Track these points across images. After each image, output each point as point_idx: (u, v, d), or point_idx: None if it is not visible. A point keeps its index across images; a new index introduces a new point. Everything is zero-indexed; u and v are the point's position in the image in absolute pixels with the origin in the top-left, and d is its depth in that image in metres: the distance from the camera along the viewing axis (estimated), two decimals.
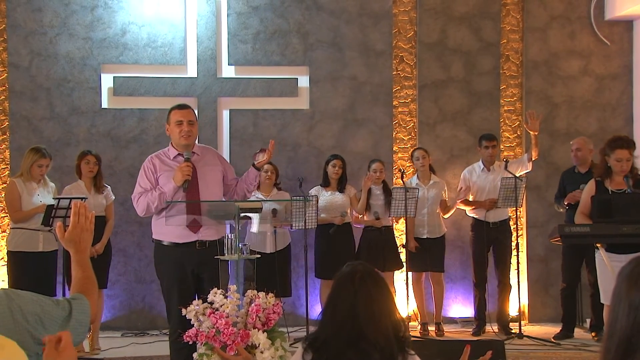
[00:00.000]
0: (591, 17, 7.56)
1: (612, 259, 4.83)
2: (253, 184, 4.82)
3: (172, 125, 4.65)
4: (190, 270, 4.54)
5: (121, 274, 7.12)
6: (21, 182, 5.98)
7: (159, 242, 4.64)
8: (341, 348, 2.22)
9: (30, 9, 7.12)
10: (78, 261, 2.31)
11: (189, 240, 4.53)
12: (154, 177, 4.63)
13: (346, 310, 2.24)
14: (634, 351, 1.64)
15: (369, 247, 6.71)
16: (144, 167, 4.69)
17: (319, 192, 6.78)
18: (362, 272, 2.31)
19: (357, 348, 2.21)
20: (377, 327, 2.21)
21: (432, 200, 6.85)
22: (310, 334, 2.38)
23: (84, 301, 2.15)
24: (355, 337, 2.21)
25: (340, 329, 2.24)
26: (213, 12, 7.28)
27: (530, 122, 6.61)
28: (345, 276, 2.32)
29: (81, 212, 2.34)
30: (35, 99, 7.13)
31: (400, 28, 7.47)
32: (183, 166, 4.51)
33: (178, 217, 4.51)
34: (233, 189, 4.80)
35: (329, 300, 2.33)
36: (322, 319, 2.32)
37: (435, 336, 6.69)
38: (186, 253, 4.52)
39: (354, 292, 2.25)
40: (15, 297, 1.98)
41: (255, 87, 7.34)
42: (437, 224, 6.89)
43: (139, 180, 4.69)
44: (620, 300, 1.70)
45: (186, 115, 4.64)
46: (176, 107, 4.74)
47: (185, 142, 4.61)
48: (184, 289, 4.50)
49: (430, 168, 6.95)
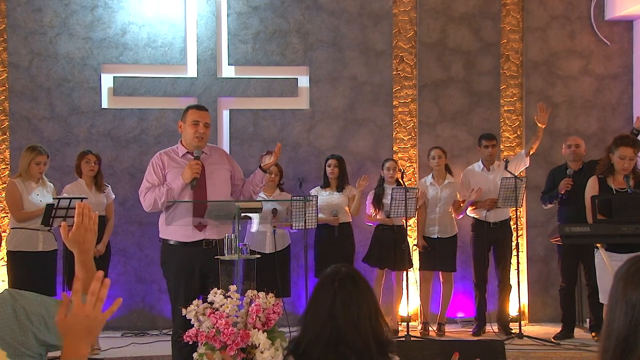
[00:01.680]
0: (591, 17, 7.56)
1: (612, 259, 4.83)
2: (259, 186, 4.85)
3: (187, 124, 4.67)
4: (197, 269, 4.54)
5: (121, 274, 7.12)
6: (21, 182, 5.98)
7: (166, 241, 4.65)
8: (322, 351, 2.19)
9: (30, 9, 7.12)
10: (82, 262, 2.31)
11: (195, 239, 4.54)
12: (162, 174, 4.66)
13: (325, 313, 2.20)
14: (632, 350, 1.65)
15: (380, 246, 6.72)
16: (152, 163, 4.71)
17: (318, 192, 6.79)
18: (344, 274, 2.26)
19: (336, 351, 2.18)
20: (355, 330, 2.18)
21: (444, 200, 6.84)
22: (292, 340, 2.34)
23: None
24: (334, 340, 2.18)
25: (320, 332, 2.20)
26: (213, 12, 7.28)
27: (541, 115, 6.60)
28: (326, 278, 2.28)
29: (85, 212, 2.33)
30: (35, 99, 7.13)
31: (400, 28, 7.47)
32: (193, 164, 4.53)
33: (181, 217, 4.52)
34: (240, 189, 4.83)
35: (310, 303, 2.30)
36: (303, 322, 2.28)
37: (436, 336, 6.69)
38: (193, 252, 4.53)
39: (333, 293, 2.21)
40: (19, 297, 1.98)
41: (255, 87, 7.34)
42: (448, 224, 6.87)
43: (146, 176, 4.71)
44: (617, 300, 1.71)
45: (204, 117, 4.67)
46: (194, 107, 4.79)
47: (198, 143, 4.63)
48: (190, 288, 4.50)
49: (446, 168, 6.94)
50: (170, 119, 7.23)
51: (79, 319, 1.85)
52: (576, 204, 5.91)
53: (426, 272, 6.89)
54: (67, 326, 1.84)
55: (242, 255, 4.13)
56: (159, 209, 4.64)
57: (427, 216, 6.84)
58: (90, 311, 1.86)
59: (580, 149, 6.59)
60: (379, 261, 6.72)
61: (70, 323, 1.84)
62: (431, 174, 6.97)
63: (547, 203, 6.71)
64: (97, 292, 1.88)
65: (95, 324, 1.87)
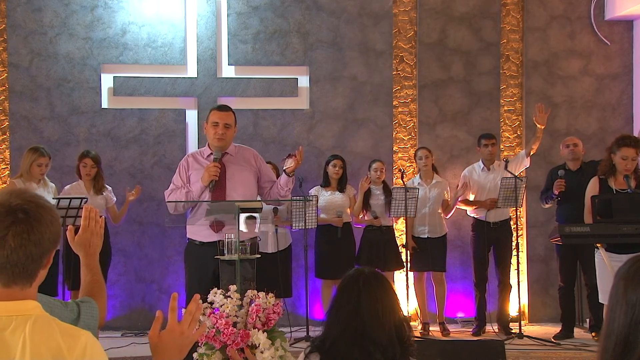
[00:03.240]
0: (591, 17, 7.57)
1: (612, 259, 4.83)
2: (285, 189, 4.79)
3: (209, 125, 4.69)
4: (212, 270, 4.55)
5: (121, 274, 7.12)
6: (21, 182, 5.98)
7: (191, 240, 4.68)
8: (347, 347, 2.25)
9: (30, 9, 7.12)
10: (87, 265, 2.31)
11: (212, 240, 4.55)
12: (187, 175, 4.69)
13: (350, 310, 2.28)
14: (632, 349, 1.65)
15: (369, 247, 6.73)
16: (180, 164, 4.77)
17: (318, 192, 6.78)
18: (367, 274, 2.36)
19: (361, 347, 2.24)
20: (380, 327, 2.25)
21: (433, 199, 6.85)
22: (315, 338, 2.40)
23: (92, 304, 2.15)
24: (359, 336, 2.25)
25: (344, 329, 2.27)
26: (213, 12, 7.28)
27: (539, 115, 6.61)
28: (350, 278, 2.36)
29: (91, 216, 2.34)
30: (35, 99, 7.13)
31: (400, 28, 7.47)
32: (210, 166, 4.53)
33: (200, 217, 4.54)
34: (267, 191, 4.81)
35: (334, 302, 2.36)
36: (327, 321, 2.35)
37: (441, 336, 6.70)
38: (208, 252, 4.54)
39: (358, 292, 2.29)
40: None
41: (255, 87, 7.34)
42: (438, 224, 6.89)
43: (173, 178, 4.76)
44: (617, 300, 1.71)
45: (223, 118, 4.66)
46: (216, 108, 4.80)
47: (218, 144, 4.63)
48: (202, 287, 4.50)
49: (432, 168, 6.95)
50: (170, 119, 7.24)
51: (174, 335, 1.88)
52: (575, 203, 5.92)
53: (418, 272, 6.88)
54: (162, 342, 1.87)
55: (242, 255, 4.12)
56: (180, 211, 4.67)
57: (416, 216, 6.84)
58: (185, 329, 1.90)
59: (578, 148, 6.60)
60: (368, 262, 6.69)
61: (165, 339, 1.88)
62: (418, 174, 6.98)
63: (545, 202, 6.72)
64: (193, 311, 1.93)
65: (187, 342, 1.91)
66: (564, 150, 6.66)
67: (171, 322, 1.90)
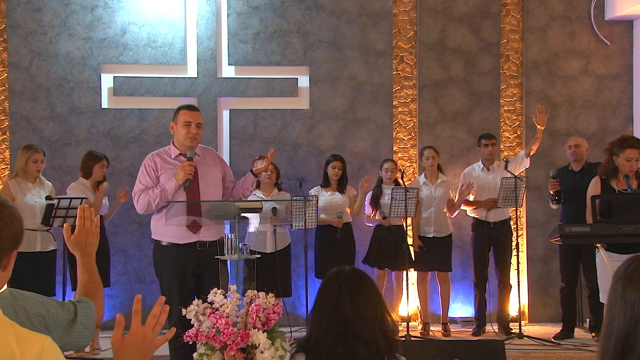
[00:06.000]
0: (591, 17, 7.56)
1: (612, 259, 4.83)
2: (249, 189, 4.85)
3: (179, 125, 4.66)
4: (191, 271, 4.54)
5: (121, 274, 7.12)
6: (15, 183, 5.91)
7: (158, 242, 4.64)
8: (331, 344, 2.27)
9: (30, 9, 7.12)
10: (84, 264, 2.30)
11: (189, 240, 4.53)
12: (155, 175, 4.64)
13: (332, 306, 2.30)
14: (632, 348, 1.65)
15: (379, 246, 6.74)
16: (144, 165, 4.69)
17: (318, 192, 6.79)
18: (348, 271, 2.38)
19: (345, 343, 2.26)
20: (362, 321, 2.26)
21: (439, 199, 6.85)
22: (300, 338, 2.43)
23: (89, 305, 2.14)
24: (342, 331, 2.26)
25: (327, 326, 2.29)
26: (213, 12, 7.28)
27: (540, 116, 6.61)
28: (331, 276, 2.39)
29: (87, 215, 2.33)
30: (35, 99, 7.13)
31: (400, 28, 7.47)
32: (186, 165, 4.52)
33: (178, 217, 4.51)
34: (230, 191, 4.83)
35: (316, 300, 2.39)
36: (311, 319, 2.38)
37: (442, 336, 6.70)
38: (186, 253, 4.53)
39: (339, 288, 2.31)
40: (20, 297, 1.97)
41: (255, 87, 7.34)
42: (443, 223, 6.88)
43: (139, 178, 4.69)
44: (617, 300, 1.71)
45: (195, 118, 4.67)
46: (185, 108, 4.77)
47: (191, 144, 4.63)
48: (185, 289, 4.51)
49: (438, 167, 6.95)
50: (170, 119, 7.17)
51: (137, 339, 1.85)
52: (578, 204, 5.91)
53: (422, 272, 6.89)
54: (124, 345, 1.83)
55: (242, 255, 4.12)
56: (152, 211, 4.64)
57: (421, 216, 6.84)
58: (149, 333, 1.87)
59: (581, 148, 6.60)
60: (378, 261, 6.73)
61: (127, 343, 1.84)
62: (424, 174, 6.98)
63: (550, 203, 6.73)
64: (157, 315, 1.89)
65: (150, 346, 1.87)
66: (567, 151, 6.67)
67: (134, 326, 1.86)
